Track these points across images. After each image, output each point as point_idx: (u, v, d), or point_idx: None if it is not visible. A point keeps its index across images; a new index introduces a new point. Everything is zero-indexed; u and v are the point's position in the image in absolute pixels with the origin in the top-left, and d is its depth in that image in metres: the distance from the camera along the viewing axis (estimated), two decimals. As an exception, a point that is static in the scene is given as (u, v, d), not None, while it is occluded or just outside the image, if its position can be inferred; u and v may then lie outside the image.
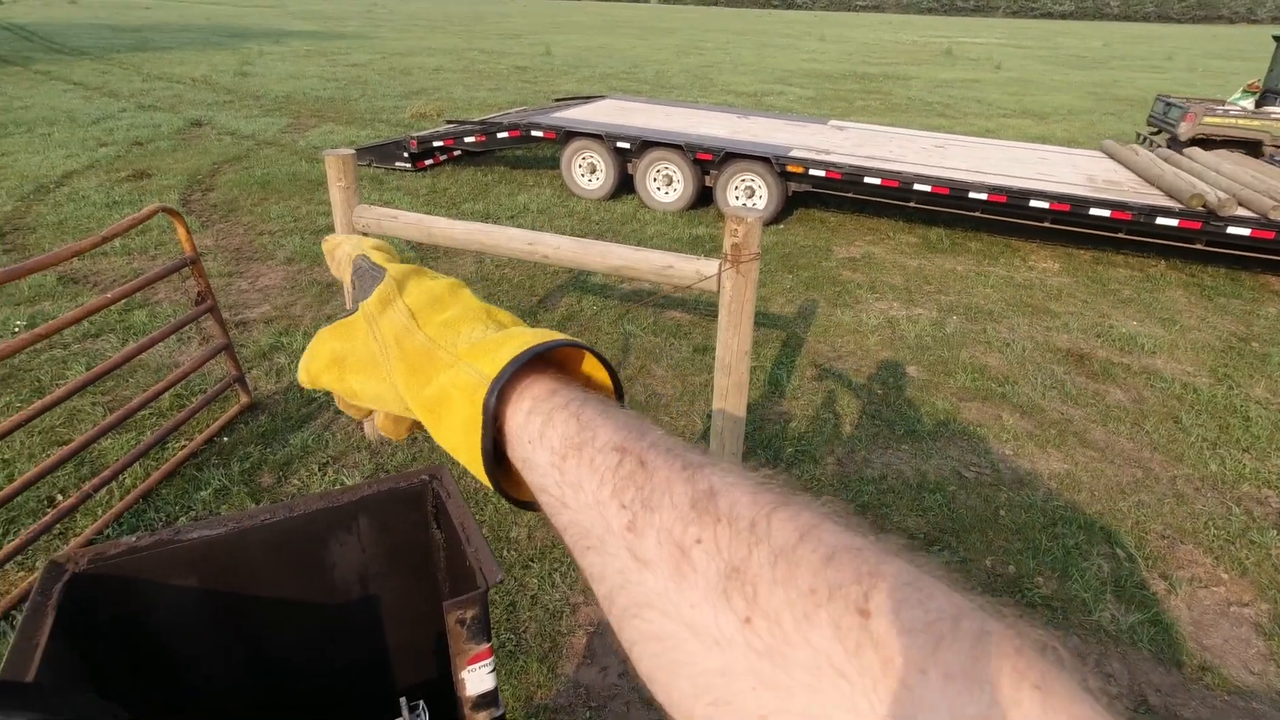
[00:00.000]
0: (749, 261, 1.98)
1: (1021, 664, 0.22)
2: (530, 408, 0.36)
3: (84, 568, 0.72)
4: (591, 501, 0.32)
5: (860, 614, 0.24)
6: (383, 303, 0.42)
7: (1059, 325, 4.38)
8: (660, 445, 0.33)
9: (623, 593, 0.31)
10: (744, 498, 0.29)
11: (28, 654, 0.62)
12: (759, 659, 0.26)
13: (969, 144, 6.79)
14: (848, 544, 0.27)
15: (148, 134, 7.92)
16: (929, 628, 0.23)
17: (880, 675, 0.23)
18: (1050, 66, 22.23)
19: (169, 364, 3.47)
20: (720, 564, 0.28)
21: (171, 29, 22.08)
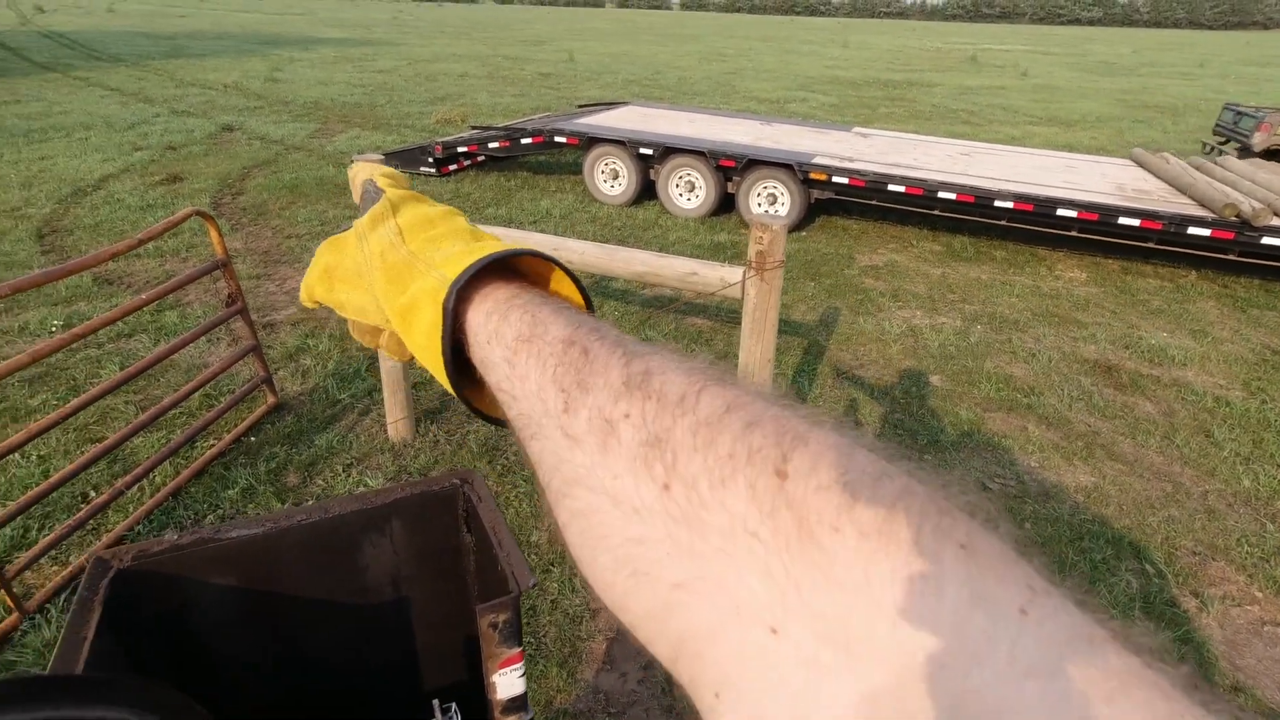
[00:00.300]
0: (773, 269, 1.98)
1: (946, 522, 0.21)
2: (490, 309, 0.37)
3: (128, 564, 0.74)
4: (535, 390, 0.33)
5: (778, 475, 0.24)
6: (374, 220, 0.44)
7: (1086, 336, 4.32)
8: (608, 337, 0.33)
9: (556, 474, 0.31)
10: (678, 377, 0.29)
11: (76, 647, 0.64)
12: (676, 525, 0.25)
13: (995, 152, 6.72)
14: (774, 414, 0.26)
15: (181, 139, 8.09)
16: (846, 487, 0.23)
17: (794, 536, 0.22)
18: (1078, 73, 21.96)
19: (199, 364, 3.54)
20: (644, 434, 0.27)
21: (205, 36, 22.55)
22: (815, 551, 0.22)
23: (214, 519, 2.62)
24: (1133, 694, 0.18)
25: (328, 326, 3.97)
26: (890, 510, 0.22)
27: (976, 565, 0.20)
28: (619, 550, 0.27)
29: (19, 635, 2.09)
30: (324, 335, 3.86)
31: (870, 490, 0.22)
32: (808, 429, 0.25)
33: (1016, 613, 0.19)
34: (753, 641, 0.22)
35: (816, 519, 0.22)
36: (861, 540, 0.21)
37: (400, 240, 0.42)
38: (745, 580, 0.23)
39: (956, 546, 0.21)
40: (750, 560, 0.23)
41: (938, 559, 0.20)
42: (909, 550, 0.21)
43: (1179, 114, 13.76)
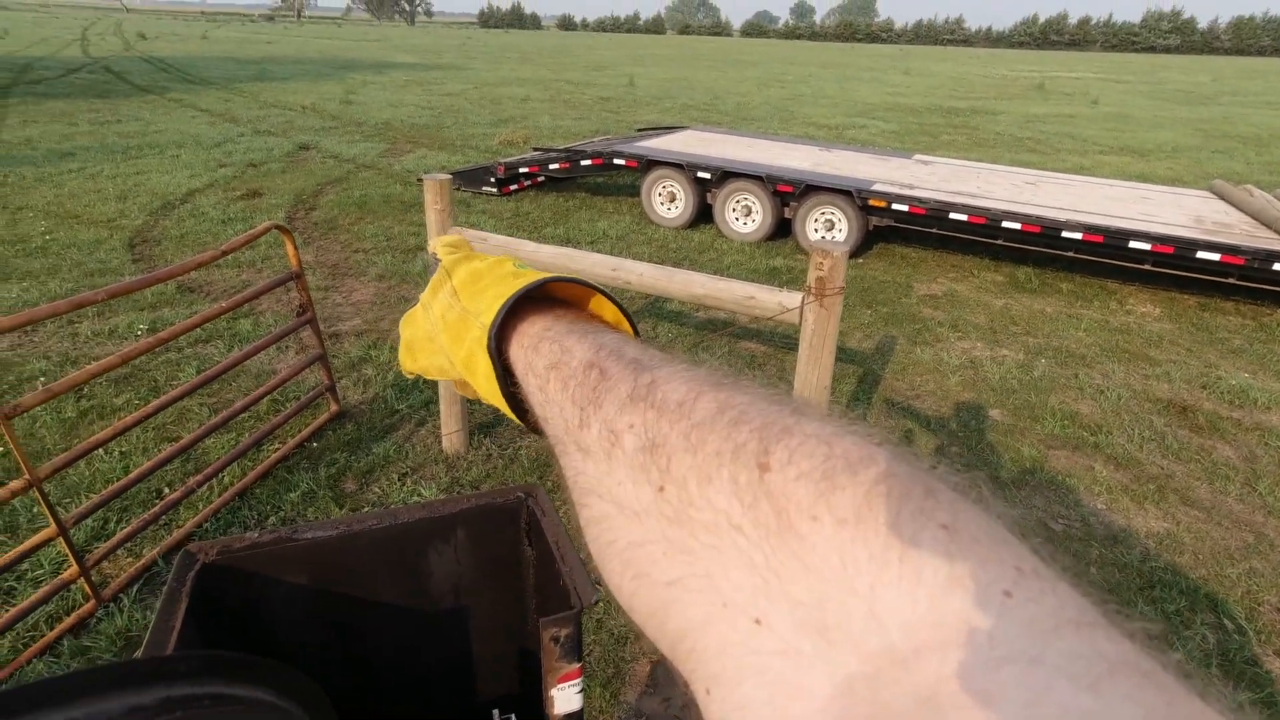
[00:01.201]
0: (833, 296, 1.97)
1: (929, 504, 0.21)
2: (526, 344, 0.40)
3: (213, 558, 0.78)
4: (559, 411, 0.35)
5: (760, 468, 0.24)
6: (434, 288, 0.48)
7: (1159, 374, 4.13)
8: (625, 356, 0.34)
9: (575, 487, 0.32)
10: (679, 385, 0.30)
11: (165, 635, 0.67)
12: (669, 525, 0.26)
13: (1063, 181, 6.54)
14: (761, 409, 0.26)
15: (261, 156, 8.54)
16: (826, 475, 0.23)
17: (774, 526, 0.23)
18: (1153, 102, 21.20)
19: (268, 370, 3.69)
20: (644, 441, 0.28)
21: (288, 61, 23.82)
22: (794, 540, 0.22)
23: (276, 520, 2.71)
24: (1120, 682, 0.17)
25: (389, 339, 4.10)
26: (869, 495, 0.22)
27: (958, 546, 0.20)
28: (625, 554, 0.28)
29: (94, 622, 2.20)
30: (385, 346, 3.99)
31: (849, 476, 0.22)
32: (793, 421, 0.25)
33: (1000, 595, 0.19)
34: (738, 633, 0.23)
35: (795, 508, 0.22)
36: (839, 527, 0.21)
37: (455, 299, 0.45)
38: (731, 574, 0.23)
39: (938, 528, 0.20)
40: (735, 554, 0.23)
41: (916, 541, 0.20)
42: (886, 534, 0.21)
43: (1263, 145, 13.12)
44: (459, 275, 0.46)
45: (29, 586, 2.30)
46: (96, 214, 6.03)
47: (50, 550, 2.37)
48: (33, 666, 2.04)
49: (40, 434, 3.08)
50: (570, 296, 0.44)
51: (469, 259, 0.48)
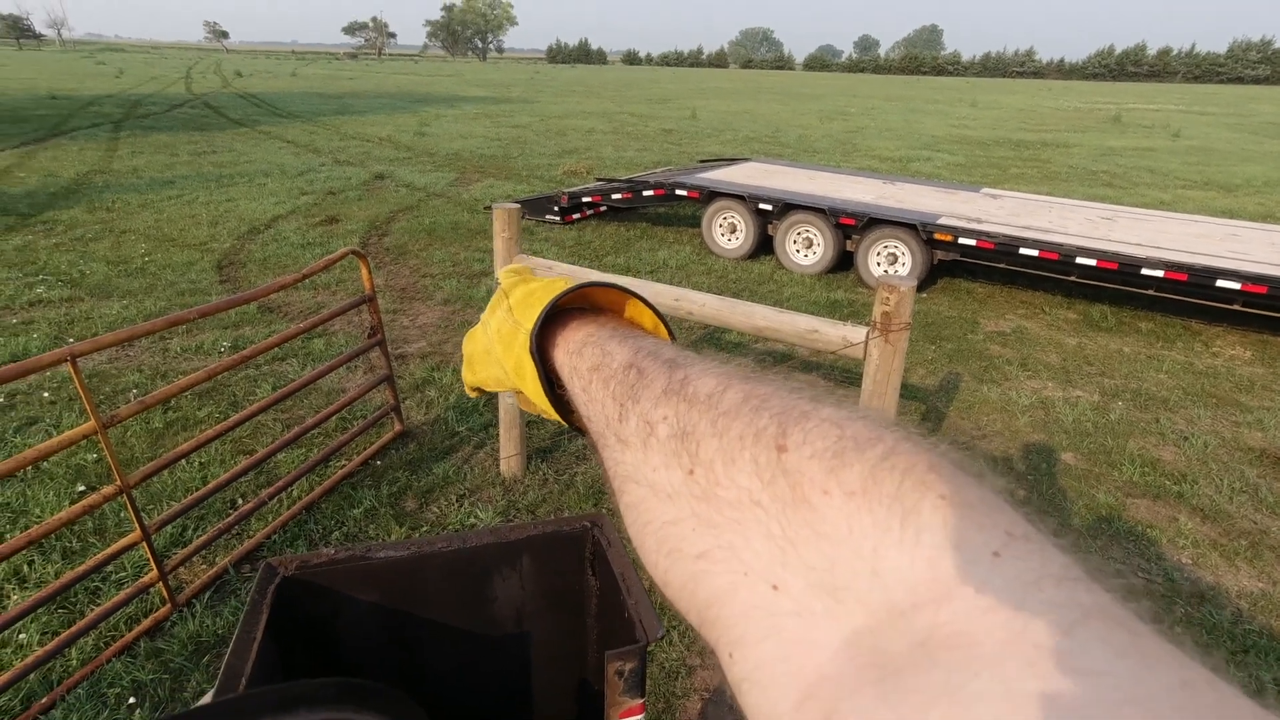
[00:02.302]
0: (899, 331, 1.93)
1: (930, 477, 0.23)
2: (570, 349, 0.43)
3: (291, 572, 0.81)
4: (600, 409, 0.38)
5: (778, 449, 0.26)
6: (493, 307, 0.52)
7: (1251, 421, 3.87)
8: (661, 355, 0.37)
9: (615, 476, 0.35)
10: (710, 380, 0.33)
11: (247, 645, 0.70)
12: (698, 503, 0.29)
13: (1141, 216, 6.27)
14: (782, 397, 0.29)
15: (340, 185, 8.98)
16: (836, 454, 0.25)
17: (789, 500, 0.25)
18: (1240, 134, 20.20)
19: (338, 389, 3.84)
20: (676, 429, 0.31)
21: (367, 96, 25.09)
22: (808, 511, 0.24)
23: (340, 535, 2.80)
24: (1093, 626, 0.19)
25: (452, 362, 4.21)
26: (875, 469, 0.24)
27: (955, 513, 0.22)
28: (659, 533, 0.31)
29: (169, 625, 2.31)
30: (449, 369, 4.10)
31: (857, 454, 0.25)
32: (810, 407, 0.28)
33: (989, 555, 0.21)
34: (758, 599, 0.25)
35: (809, 483, 0.25)
36: (847, 499, 0.24)
37: (509, 315, 0.49)
38: (752, 544, 0.26)
39: (936, 497, 0.22)
40: (756, 526, 0.26)
41: (916, 510, 0.22)
42: (889, 503, 0.23)
43: (1367, 180, 12.30)
44: (515, 294, 0.50)
45: (112, 588, 2.42)
46: (190, 238, 6.44)
47: (133, 554, 2.50)
48: (111, 666, 2.14)
49: (130, 443, 3.27)
50: (611, 304, 0.48)
51: (526, 281, 0.52)
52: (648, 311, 0.47)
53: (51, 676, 2.10)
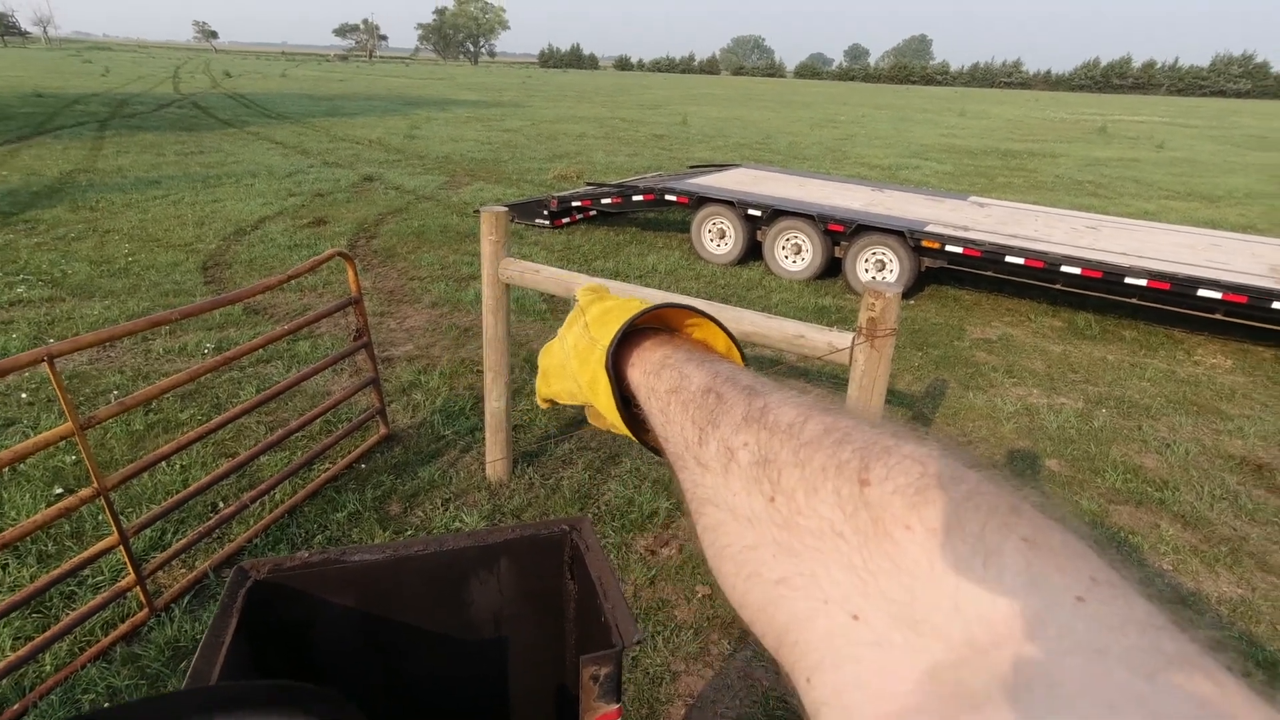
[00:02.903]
0: (885, 337, 1.94)
1: (1012, 519, 0.23)
2: (647, 370, 0.44)
3: (264, 576, 0.80)
4: (679, 431, 0.39)
5: (860, 483, 0.27)
6: (570, 323, 0.54)
7: (1232, 429, 3.91)
8: (740, 382, 0.38)
9: (694, 498, 0.36)
10: (790, 410, 0.33)
11: (215, 650, 0.69)
12: (779, 530, 0.29)
13: (1126, 226, 6.34)
14: (864, 432, 0.30)
15: (329, 186, 8.93)
16: (919, 490, 0.25)
17: (871, 533, 0.25)
18: (1223, 146, 20.50)
19: (323, 391, 3.81)
20: (757, 456, 0.32)
21: (358, 98, 25.01)
22: (889, 545, 0.25)
23: (322, 539, 2.77)
24: (1176, 674, 0.19)
25: (439, 365, 4.19)
26: (957, 508, 0.24)
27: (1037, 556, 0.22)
28: (738, 556, 0.31)
29: (146, 630, 2.27)
30: (435, 372, 4.08)
31: (940, 492, 0.25)
32: (893, 442, 0.28)
33: (1072, 600, 0.21)
34: (837, 627, 0.25)
35: (891, 517, 0.25)
36: (929, 535, 0.24)
37: (586, 331, 0.51)
38: (832, 573, 0.26)
39: (1019, 540, 0.23)
40: (836, 556, 0.26)
41: (999, 550, 0.22)
42: (973, 543, 0.23)
43: (1346, 193, 12.51)
44: (592, 312, 0.52)
45: (89, 592, 2.39)
46: (175, 238, 6.38)
47: (111, 558, 2.46)
48: (86, 672, 2.11)
49: (110, 444, 3.22)
50: (684, 324, 0.49)
51: (603, 299, 0.54)
52: (720, 334, 0.48)
53: (24, 683, 2.06)
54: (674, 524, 2.92)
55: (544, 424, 3.62)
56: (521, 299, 5.17)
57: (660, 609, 2.47)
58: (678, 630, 2.38)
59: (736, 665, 2.28)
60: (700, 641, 2.35)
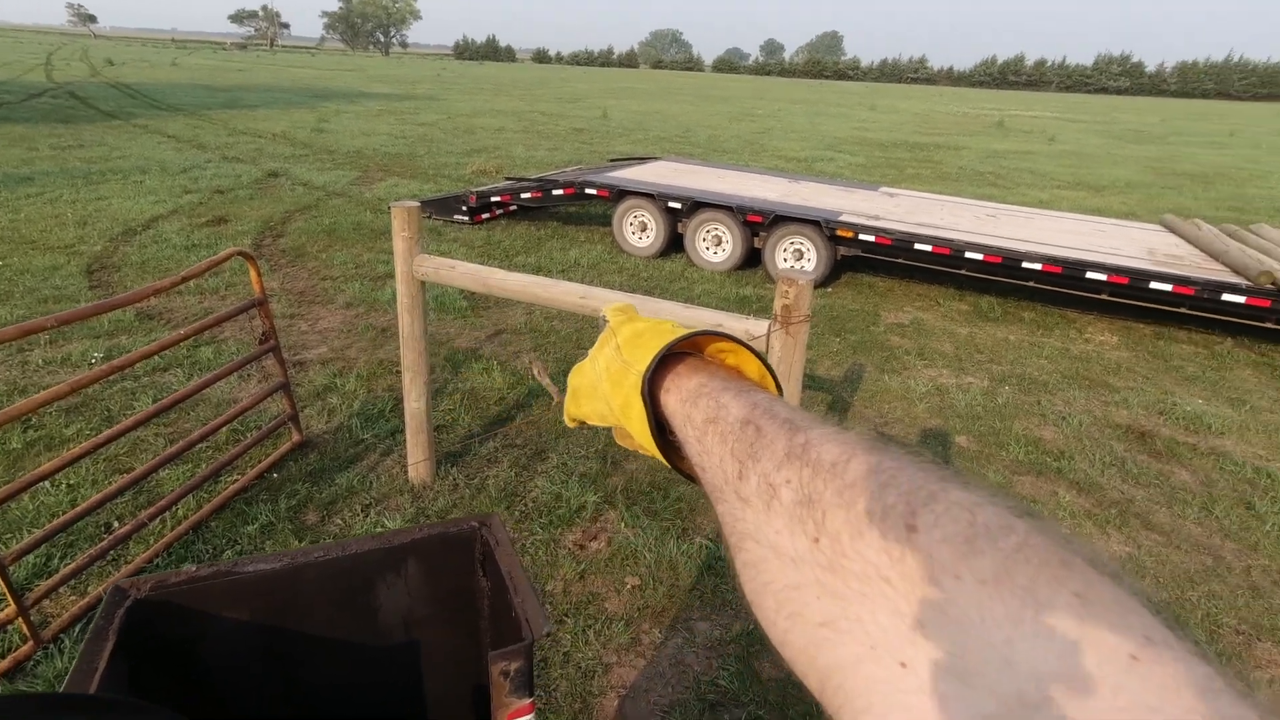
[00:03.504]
0: (799, 323, 1.99)
1: (1063, 573, 0.23)
2: (682, 397, 0.45)
3: (145, 594, 0.74)
4: (717, 463, 0.39)
5: (908, 529, 0.27)
6: (601, 344, 0.55)
7: (1118, 400, 4.22)
8: (778, 415, 0.38)
9: (733, 531, 0.36)
10: (833, 447, 0.33)
11: (88, 676, 0.64)
12: (823, 572, 0.29)
13: (1022, 214, 6.73)
14: (909, 475, 0.29)
15: (229, 183, 8.44)
16: (968, 540, 0.25)
17: (918, 580, 0.25)
18: (1107, 140, 22.07)
19: (229, 399, 3.60)
20: (800, 495, 0.32)
21: (260, 89, 23.73)
22: (937, 594, 0.25)
23: (231, 554, 2.62)
24: None
25: (355, 367, 4.04)
26: (1008, 560, 0.24)
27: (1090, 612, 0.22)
28: (780, 594, 0.31)
29: (32, 665, 2.09)
30: (351, 375, 3.92)
31: (990, 542, 0.25)
32: (939, 488, 0.28)
33: (1126, 658, 0.21)
34: (885, 674, 0.25)
35: (940, 567, 0.25)
36: (979, 586, 0.24)
37: (618, 353, 0.51)
38: (878, 619, 0.26)
39: (1070, 594, 0.22)
40: (883, 602, 0.26)
41: (1050, 604, 0.22)
42: (1023, 595, 0.23)
43: (1209, 182, 13.70)
44: (623, 333, 0.52)
45: (-37, 627, 2.18)
46: (54, 240, 5.89)
47: (-12, 588, 2.25)
48: (-37, 713, 1.92)
49: (-17, 466, 2.95)
50: (716, 349, 0.49)
51: (633, 321, 0.54)
52: (753, 360, 0.48)
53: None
54: (601, 517, 2.91)
55: (467, 423, 3.55)
56: (441, 297, 5.04)
57: (591, 602, 2.46)
58: (609, 623, 2.38)
59: (668, 653, 2.30)
60: (632, 632, 2.36)
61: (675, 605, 2.48)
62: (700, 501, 3.04)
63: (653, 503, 3.00)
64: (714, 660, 2.28)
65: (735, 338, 0.48)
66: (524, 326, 4.76)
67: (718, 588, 2.56)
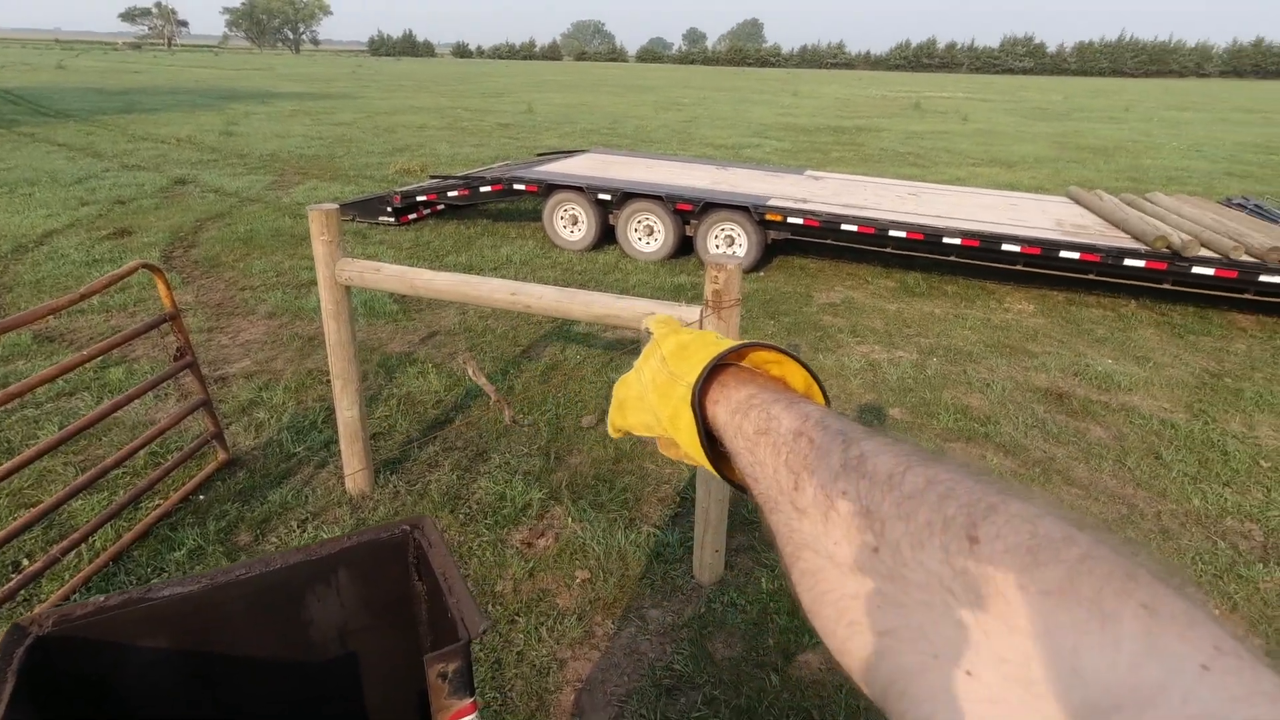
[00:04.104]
0: (730, 308, 2.01)
1: (1130, 585, 0.23)
2: (732, 409, 0.45)
3: (49, 630, 0.69)
4: (771, 474, 0.39)
5: (969, 540, 0.27)
6: (646, 356, 0.55)
7: (1037, 365, 4.45)
8: (830, 427, 0.39)
9: (789, 542, 0.37)
10: (888, 459, 0.33)
11: (-15, 723, 0.59)
12: (883, 582, 0.30)
13: (941, 191, 6.99)
14: (968, 487, 0.30)
15: (131, 192, 7.96)
16: (1031, 551, 0.25)
17: (982, 591, 0.26)
18: (1015, 118, 23.13)
19: (145, 421, 3.41)
20: (858, 507, 0.32)
21: (159, 92, 22.44)
22: (1001, 605, 0.25)
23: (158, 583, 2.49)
24: None
25: (283, 379, 3.88)
26: (1072, 571, 0.24)
27: (1157, 623, 0.22)
28: (839, 604, 0.32)
29: (-62, 720, 1.94)
30: (279, 388, 3.77)
31: (1054, 554, 0.25)
32: (999, 500, 0.28)
33: (1197, 668, 0.21)
34: (949, 682, 0.26)
35: (1003, 577, 0.25)
36: (1044, 597, 0.24)
37: (664, 365, 0.52)
38: (941, 629, 0.27)
39: (1138, 606, 0.22)
40: (946, 611, 0.27)
41: (1117, 616, 0.22)
42: (1089, 606, 0.23)
43: (1109, 155, 14.54)
44: (668, 345, 0.53)
45: None
46: (-64, 261, 5.43)
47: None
48: None
49: None
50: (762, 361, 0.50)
51: (678, 333, 0.55)
52: (799, 371, 0.49)
53: None
54: (548, 514, 2.89)
55: (404, 429, 3.46)
56: (370, 301, 4.89)
57: (542, 599, 2.45)
58: (560, 618, 2.37)
59: (622, 643, 2.30)
60: (584, 626, 2.35)
61: (626, 595, 2.49)
62: (646, 490, 3.06)
63: (598, 495, 2.99)
64: (668, 645, 2.29)
65: (782, 348, 0.49)
66: (458, 327, 4.67)
67: (667, 574, 2.58)
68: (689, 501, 2.83)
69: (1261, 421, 3.83)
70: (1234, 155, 14.67)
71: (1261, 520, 3.01)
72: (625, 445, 3.37)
